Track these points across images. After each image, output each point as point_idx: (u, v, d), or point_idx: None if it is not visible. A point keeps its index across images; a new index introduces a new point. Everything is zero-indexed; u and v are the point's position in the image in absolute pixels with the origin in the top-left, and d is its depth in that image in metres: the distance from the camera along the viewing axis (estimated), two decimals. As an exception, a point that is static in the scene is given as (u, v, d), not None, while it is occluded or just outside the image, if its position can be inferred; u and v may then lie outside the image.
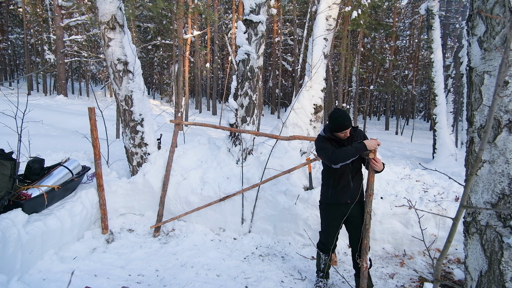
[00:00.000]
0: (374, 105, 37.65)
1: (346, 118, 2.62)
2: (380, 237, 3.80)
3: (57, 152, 4.76)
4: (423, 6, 10.07)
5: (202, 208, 4.11)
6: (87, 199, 3.77)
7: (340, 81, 15.02)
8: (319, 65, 4.69)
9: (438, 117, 10.01)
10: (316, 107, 4.75)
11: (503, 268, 1.62)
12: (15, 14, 26.98)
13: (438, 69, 9.91)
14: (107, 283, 2.97)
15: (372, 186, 2.64)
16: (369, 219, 2.68)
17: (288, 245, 3.89)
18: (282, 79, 29.32)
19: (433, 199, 4.00)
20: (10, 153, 3.15)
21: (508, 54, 1.12)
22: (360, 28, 12.77)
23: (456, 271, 3.40)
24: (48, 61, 21.42)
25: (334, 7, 4.78)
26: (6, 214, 2.88)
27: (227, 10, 29.85)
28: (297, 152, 4.53)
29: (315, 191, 3.91)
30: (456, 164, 9.25)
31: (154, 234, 4.01)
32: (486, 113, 1.66)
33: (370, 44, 24.27)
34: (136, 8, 14.33)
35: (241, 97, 4.33)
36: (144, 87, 4.35)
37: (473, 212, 1.78)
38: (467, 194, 1.12)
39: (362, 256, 2.71)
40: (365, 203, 2.70)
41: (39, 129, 8.29)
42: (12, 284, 2.58)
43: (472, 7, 1.70)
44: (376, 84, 25.54)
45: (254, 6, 4.12)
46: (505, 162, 1.61)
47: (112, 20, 3.88)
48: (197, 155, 4.65)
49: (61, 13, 18.32)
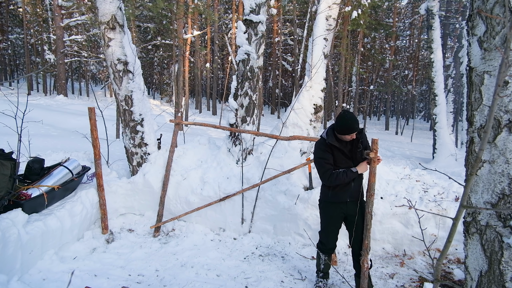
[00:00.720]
0: (374, 105, 37.67)
1: (355, 121, 2.59)
2: (380, 237, 3.80)
3: (57, 152, 4.76)
4: (423, 6, 10.07)
5: (202, 208, 4.11)
6: (87, 199, 3.77)
7: (340, 81, 15.02)
8: (319, 65, 4.69)
9: (438, 117, 10.01)
10: (316, 107, 4.75)
11: (503, 268, 1.62)
12: (15, 14, 26.97)
13: (438, 69, 9.91)
14: (107, 283, 2.98)
15: (373, 186, 2.63)
16: (370, 220, 2.68)
17: (288, 245, 3.89)
18: (282, 79, 29.32)
19: (433, 199, 4.00)
20: (10, 153, 3.15)
21: (508, 54, 1.12)
22: (360, 28, 12.77)
23: (456, 271, 3.40)
24: (48, 61, 21.42)
25: (334, 7, 4.78)
26: (6, 214, 2.87)
27: (227, 10, 29.85)
28: (297, 152, 4.53)
29: (315, 191, 3.91)
30: (456, 164, 9.25)
31: (154, 234, 4.01)
32: (486, 113, 1.66)
33: (370, 44, 24.27)
34: (136, 8, 14.33)
35: (241, 97, 4.33)
36: (144, 87, 4.35)
37: (473, 212, 1.78)
38: (467, 194, 1.12)
39: (363, 256, 2.71)
40: (366, 203, 2.70)
41: (39, 129, 8.29)
42: (12, 284, 2.58)
43: (472, 7, 1.70)
44: (376, 84, 25.55)
45: (254, 6, 4.12)
46: (505, 162, 1.61)
47: (112, 20, 3.88)
48: (197, 155, 4.65)
49: (61, 13, 18.32)
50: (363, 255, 2.70)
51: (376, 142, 2.62)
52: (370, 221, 2.68)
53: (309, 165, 4.12)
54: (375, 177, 2.64)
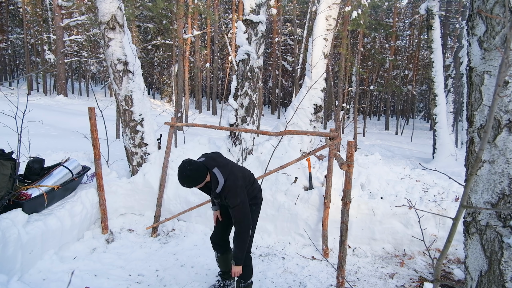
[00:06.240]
0: (374, 105, 37.64)
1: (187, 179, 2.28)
2: (380, 237, 3.80)
3: (57, 152, 4.76)
4: (423, 6, 10.06)
5: (196, 207, 4.03)
6: (87, 199, 3.77)
7: (340, 81, 15.00)
8: (319, 65, 4.69)
9: (438, 117, 10.01)
10: (316, 107, 4.75)
11: (503, 268, 1.62)
12: (15, 14, 26.98)
13: (438, 69, 9.91)
14: (107, 283, 2.97)
15: (349, 193, 2.52)
16: (345, 230, 2.54)
17: (288, 245, 3.89)
18: (282, 79, 29.31)
19: (433, 199, 4.00)
20: (10, 153, 3.15)
21: (508, 54, 1.12)
22: (360, 28, 12.76)
23: (456, 271, 3.40)
24: (48, 61, 21.42)
25: (334, 7, 4.78)
26: (6, 214, 2.87)
27: (227, 10, 29.85)
28: (297, 152, 4.53)
29: (315, 191, 3.91)
30: (456, 164, 9.25)
31: (151, 234, 4.01)
32: (486, 113, 1.66)
33: (370, 44, 24.27)
34: (136, 8, 14.32)
35: (241, 97, 4.33)
36: (144, 87, 4.35)
37: (473, 212, 1.78)
38: (467, 194, 1.12)
39: (338, 269, 2.62)
40: (342, 211, 2.58)
41: (39, 129, 8.29)
42: (12, 284, 2.57)
43: (472, 7, 1.70)
44: (376, 84, 25.53)
45: (254, 6, 4.12)
46: (505, 162, 1.60)
47: (112, 20, 3.88)
48: (197, 155, 4.64)
49: (61, 13, 18.32)
50: (338, 268, 2.58)
51: (351, 145, 2.51)
52: (345, 232, 2.51)
53: (309, 165, 4.12)
54: (351, 184, 2.53)
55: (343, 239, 2.55)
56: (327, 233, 3.76)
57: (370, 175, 4.31)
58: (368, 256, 3.72)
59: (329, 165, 3.71)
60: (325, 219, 3.74)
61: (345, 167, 2.43)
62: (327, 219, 3.75)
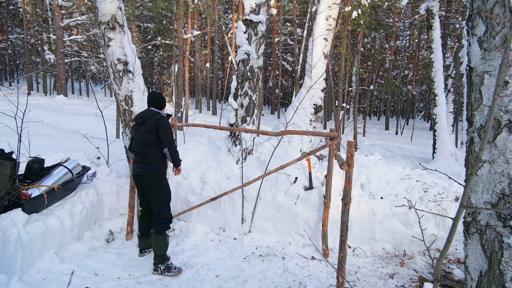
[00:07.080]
0: (374, 105, 37.63)
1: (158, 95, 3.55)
2: (380, 237, 3.80)
3: (57, 152, 4.76)
4: (423, 6, 10.06)
5: (196, 207, 4.04)
6: (87, 199, 3.77)
7: (340, 81, 14.99)
8: (319, 65, 4.69)
9: (438, 117, 10.00)
10: (316, 107, 4.75)
11: (503, 268, 1.62)
12: (15, 14, 26.99)
13: (438, 69, 9.90)
14: (107, 283, 2.97)
15: (349, 193, 2.52)
16: (345, 230, 2.53)
17: (288, 245, 3.89)
18: (282, 79, 29.31)
19: (433, 199, 4.00)
20: (10, 153, 3.15)
21: (508, 54, 1.12)
22: (360, 28, 12.74)
23: (456, 271, 3.40)
24: (48, 61, 21.42)
25: (334, 7, 4.78)
26: (6, 214, 2.88)
27: (227, 10, 29.84)
28: (297, 152, 4.53)
29: (315, 191, 3.91)
30: (456, 164, 9.24)
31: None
32: (486, 113, 1.66)
33: (370, 44, 24.25)
34: (136, 8, 14.32)
35: (241, 97, 4.33)
36: (144, 87, 4.35)
37: (473, 212, 1.78)
38: (467, 194, 1.12)
39: (338, 269, 2.64)
40: (342, 212, 2.61)
41: (39, 129, 8.29)
42: (12, 284, 2.58)
43: (472, 7, 1.70)
44: (376, 84, 25.52)
45: (254, 6, 4.12)
46: (505, 162, 1.60)
47: (112, 20, 3.87)
48: (197, 155, 4.65)
49: (61, 13, 18.33)
50: (338, 268, 2.57)
51: (351, 145, 2.51)
52: (345, 232, 2.52)
53: (309, 165, 4.12)
54: (351, 184, 2.53)
55: (343, 239, 2.56)
56: (327, 233, 3.76)
57: (370, 175, 4.31)
58: (368, 256, 3.72)
59: (329, 165, 3.71)
60: (325, 219, 3.74)
61: (345, 167, 2.43)
62: (327, 219, 3.75)
